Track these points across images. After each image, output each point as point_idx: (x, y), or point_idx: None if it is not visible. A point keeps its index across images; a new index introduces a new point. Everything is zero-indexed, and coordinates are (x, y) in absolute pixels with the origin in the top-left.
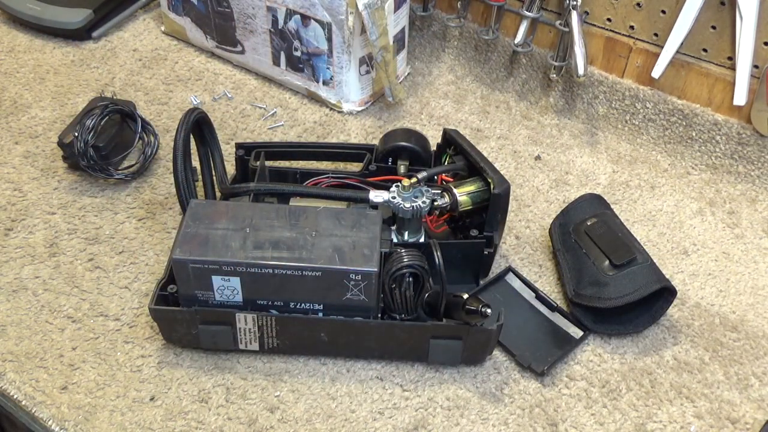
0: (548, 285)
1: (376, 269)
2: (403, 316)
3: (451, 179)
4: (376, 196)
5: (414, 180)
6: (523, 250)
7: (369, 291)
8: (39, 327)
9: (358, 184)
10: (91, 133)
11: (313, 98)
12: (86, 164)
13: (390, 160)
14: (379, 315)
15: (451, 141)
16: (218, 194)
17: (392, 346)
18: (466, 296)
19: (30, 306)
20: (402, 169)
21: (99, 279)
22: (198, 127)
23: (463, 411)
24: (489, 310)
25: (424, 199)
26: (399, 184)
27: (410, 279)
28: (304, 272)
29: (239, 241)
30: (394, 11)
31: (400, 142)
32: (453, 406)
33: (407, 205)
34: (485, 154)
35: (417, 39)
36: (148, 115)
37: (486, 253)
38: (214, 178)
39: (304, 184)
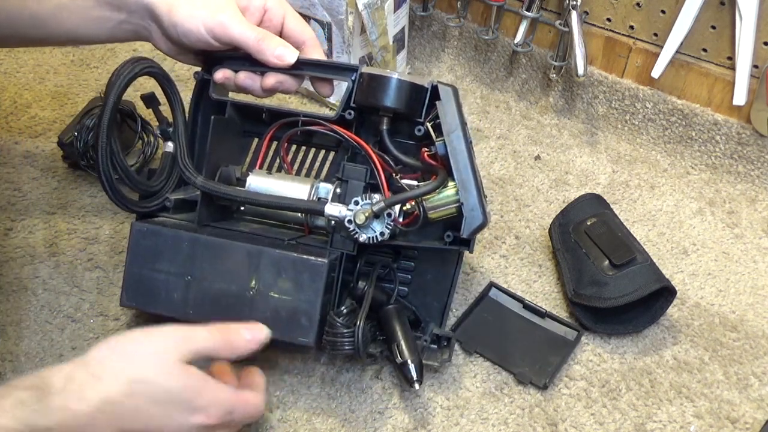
0: (548, 285)
1: (312, 341)
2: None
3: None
4: (333, 208)
5: (369, 213)
6: (523, 250)
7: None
8: (39, 327)
9: (330, 132)
10: (91, 133)
11: (313, 98)
12: (86, 164)
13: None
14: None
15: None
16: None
17: None
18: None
19: (30, 306)
20: (385, 124)
21: (99, 279)
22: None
23: (462, 411)
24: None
25: (383, 230)
26: (359, 206)
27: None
28: None
29: (181, 292)
30: (394, 11)
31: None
32: (453, 405)
33: (363, 236)
34: (485, 154)
35: (417, 39)
36: (148, 115)
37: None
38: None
39: (273, 124)
